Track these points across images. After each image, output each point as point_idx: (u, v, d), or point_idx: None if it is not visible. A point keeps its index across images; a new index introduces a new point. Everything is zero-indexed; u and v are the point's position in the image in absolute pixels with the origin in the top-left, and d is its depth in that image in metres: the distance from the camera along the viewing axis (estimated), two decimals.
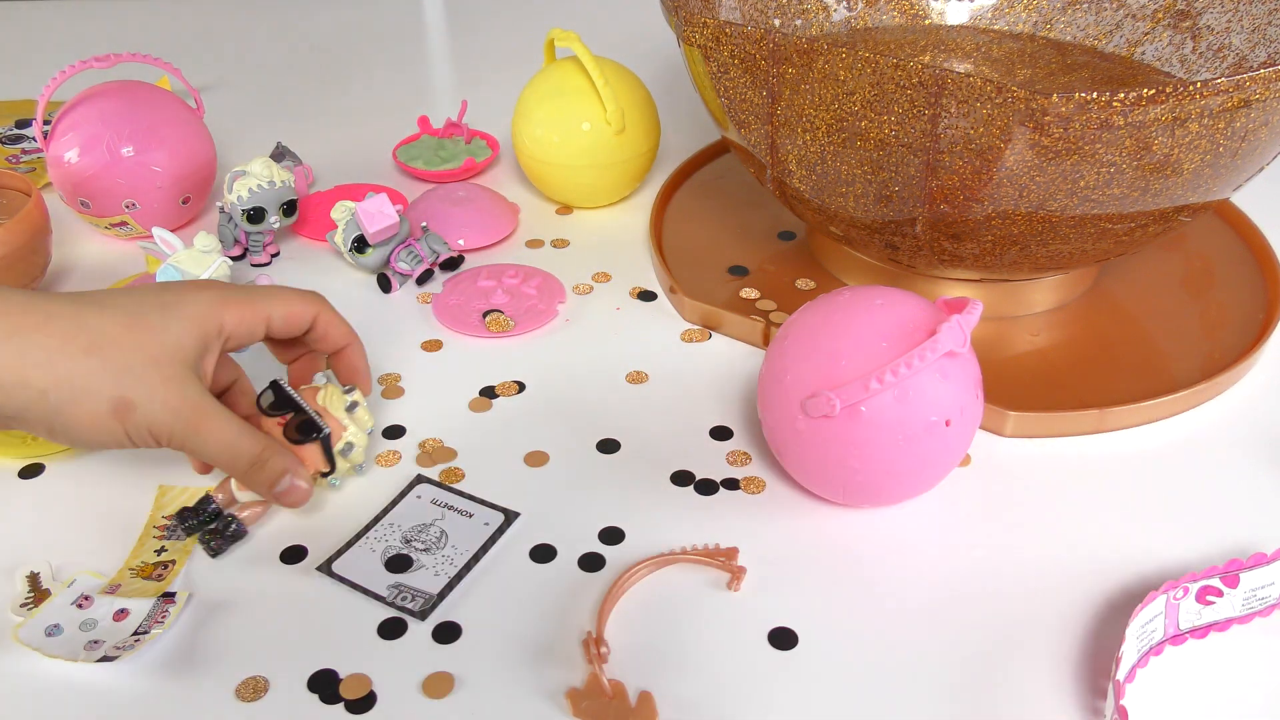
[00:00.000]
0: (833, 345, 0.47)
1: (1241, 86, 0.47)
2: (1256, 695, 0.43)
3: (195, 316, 0.46)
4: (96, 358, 0.43)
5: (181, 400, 0.44)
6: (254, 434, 0.47)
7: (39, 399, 0.42)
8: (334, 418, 0.50)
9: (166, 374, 0.44)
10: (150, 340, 0.44)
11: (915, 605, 0.47)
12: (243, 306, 0.48)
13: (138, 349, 0.44)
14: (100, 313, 0.44)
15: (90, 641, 0.44)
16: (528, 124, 0.72)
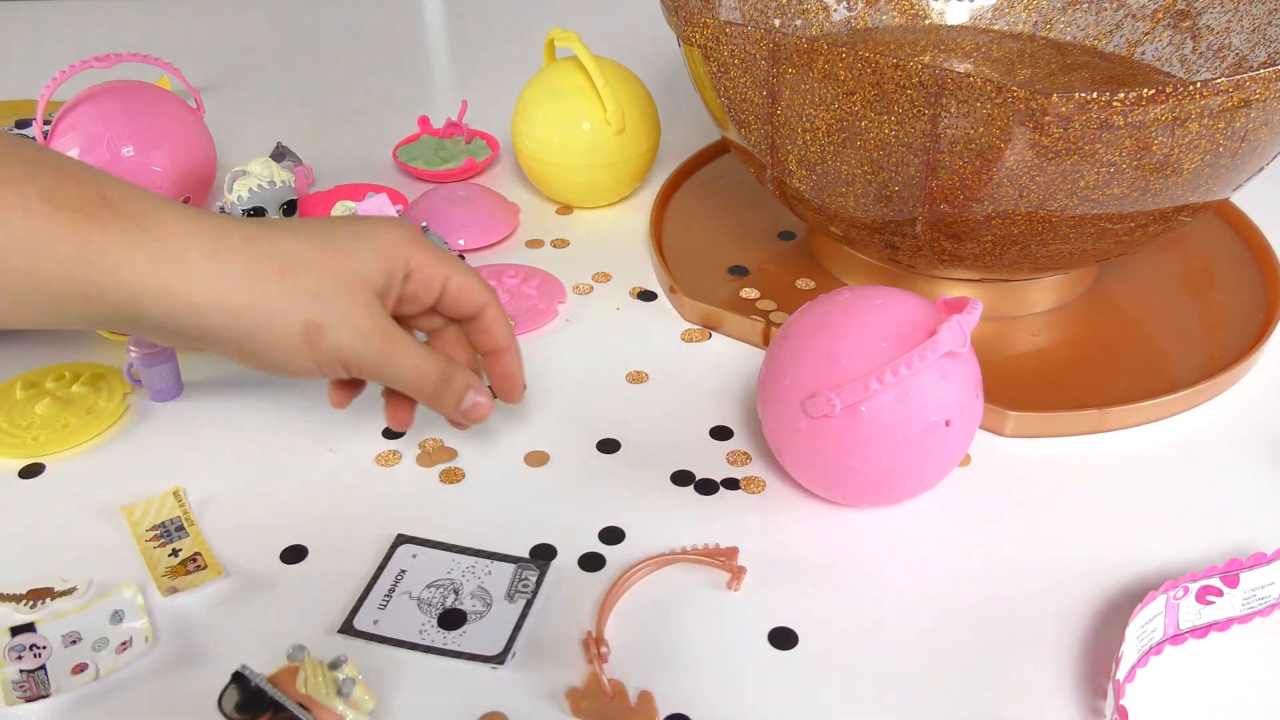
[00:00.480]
0: (833, 345, 0.47)
1: (1241, 86, 0.47)
2: (1256, 695, 0.43)
3: (385, 249, 0.46)
4: (290, 280, 0.43)
5: (371, 325, 0.44)
6: (437, 355, 0.47)
7: (233, 320, 0.42)
8: (325, 709, 0.38)
9: (356, 299, 0.44)
10: (342, 265, 0.44)
11: (915, 605, 0.47)
12: (430, 254, 0.47)
13: (330, 274, 0.44)
14: (294, 238, 0.44)
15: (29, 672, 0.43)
16: (528, 124, 0.72)
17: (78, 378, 0.58)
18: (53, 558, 0.49)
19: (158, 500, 0.51)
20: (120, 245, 0.40)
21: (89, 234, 0.39)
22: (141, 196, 0.41)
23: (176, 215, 0.42)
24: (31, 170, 0.39)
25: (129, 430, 0.56)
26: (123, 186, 0.41)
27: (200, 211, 0.43)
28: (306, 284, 0.43)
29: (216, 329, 0.42)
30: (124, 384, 0.58)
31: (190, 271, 0.41)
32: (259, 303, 0.42)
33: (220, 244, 0.42)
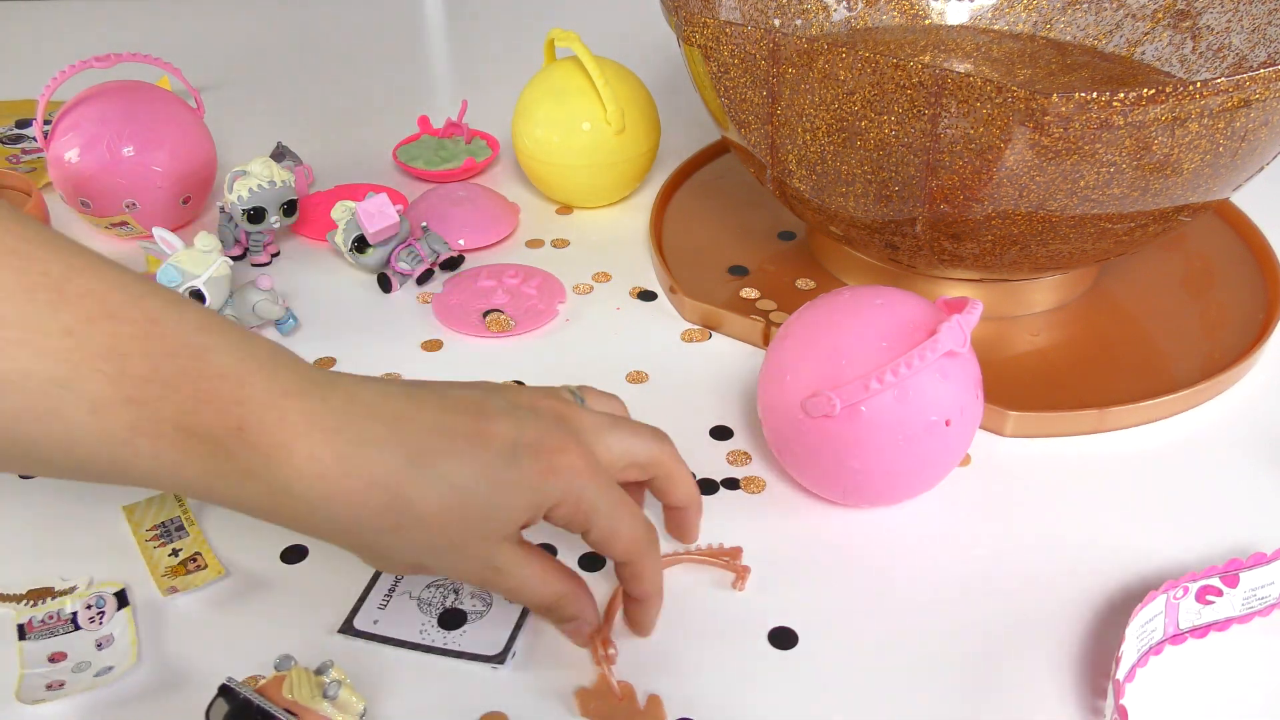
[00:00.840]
0: (833, 345, 0.47)
1: (1241, 86, 0.47)
2: (1256, 695, 0.43)
3: (536, 486, 0.39)
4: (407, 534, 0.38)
5: (480, 568, 0.40)
6: (551, 581, 0.41)
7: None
8: (312, 712, 0.39)
9: (474, 552, 0.39)
10: (474, 524, 0.39)
11: (915, 605, 0.47)
12: (585, 501, 0.41)
13: (451, 530, 0.38)
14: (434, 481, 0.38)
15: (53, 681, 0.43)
16: (528, 124, 0.72)
17: None
18: (53, 558, 0.49)
19: (158, 500, 0.51)
20: (242, 479, 0.36)
21: (217, 465, 0.36)
22: (282, 423, 0.36)
23: (311, 445, 0.36)
24: (172, 385, 0.35)
25: None
26: (264, 408, 0.36)
27: (340, 428, 0.37)
28: (420, 540, 0.38)
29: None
30: None
31: (311, 510, 0.37)
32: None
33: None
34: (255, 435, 0.36)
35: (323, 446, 0.36)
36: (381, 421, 0.38)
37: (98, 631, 0.45)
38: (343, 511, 0.37)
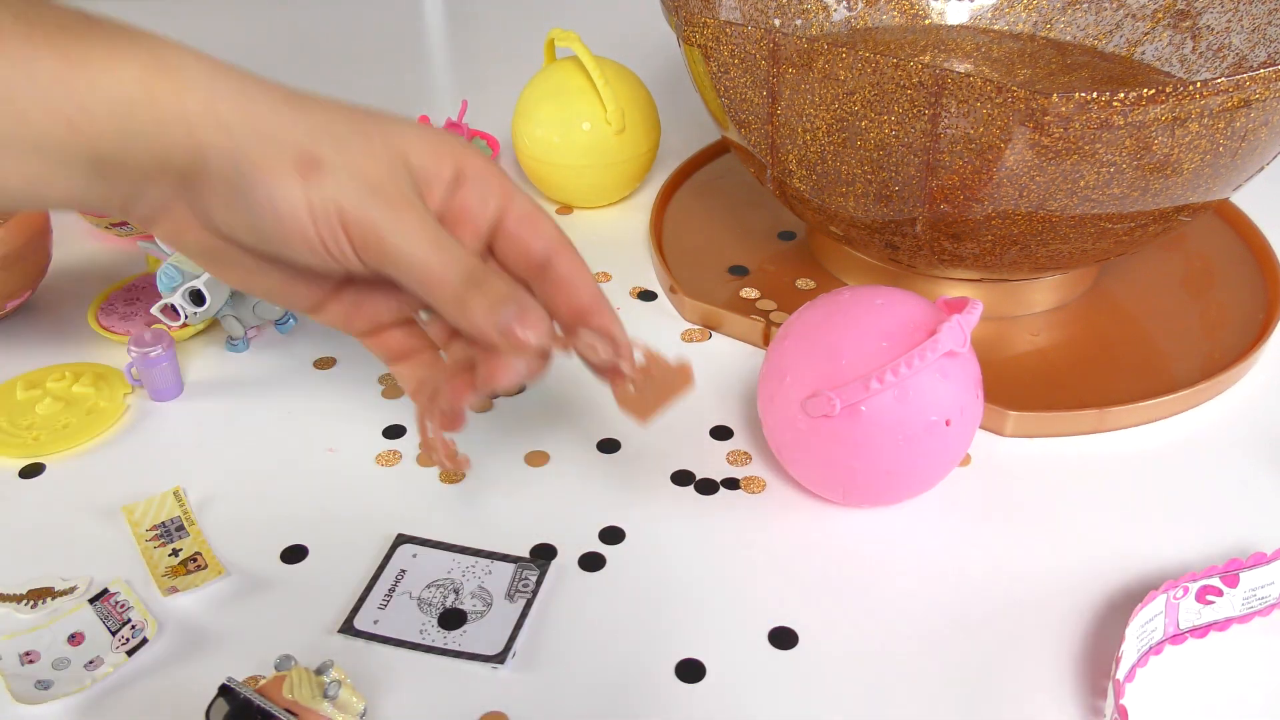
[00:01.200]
0: (833, 345, 0.47)
1: (1241, 86, 0.47)
2: (1256, 695, 0.43)
3: (438, 138, 0.39)
4: (298, 109, 0.37)
5: (385, 179, 0.37)
6: (466, 248, 0.38)
7: (224, 138, 0.36)
8: (313, 712, 0.38)
9: (375, 153, 0.37)
10: (371, 125, 0.38)
11: (915, 605, 0.47)
12: (492, 167, 0.40)
13: (351, 122, 0.38)
14: (313, 97, 0.38)
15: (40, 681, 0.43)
16: (528, 124, 0.72)
17: (78, 378, 0.58)
18: (53, 558, 0.49)
19: (158, 500, 0.51)
20: (104, 54, 0.35)
21: (68, 47, 0.34)
22: (132, 27, 0.36)
23: (170, 41, 0.37)
24: None
25: (129, 430, 0.56)
26: (112, 18, 0.36)
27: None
28: (317, 117, 0.37)
29: (205, 148, 0.36)
30: (124, 384, 0.58)
31: (184, 80, 0.36)
32: (254, 121, 0.36)
33: (221, 66, 0.37)
34: (106, 22, 0.36)
35: (180, 45, 0.37)
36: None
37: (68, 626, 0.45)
38: (228, 82, 0.37)
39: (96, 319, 0.62)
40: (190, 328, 0.60)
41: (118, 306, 0.64)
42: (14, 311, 0.64)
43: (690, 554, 0.49)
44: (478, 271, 0.38)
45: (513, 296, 0.38)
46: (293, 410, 0.57)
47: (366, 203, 0.36)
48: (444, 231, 0.38)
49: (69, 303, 0.65)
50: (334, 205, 0.36)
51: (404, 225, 0.37)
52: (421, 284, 0.38)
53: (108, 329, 0.62)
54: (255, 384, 0.59)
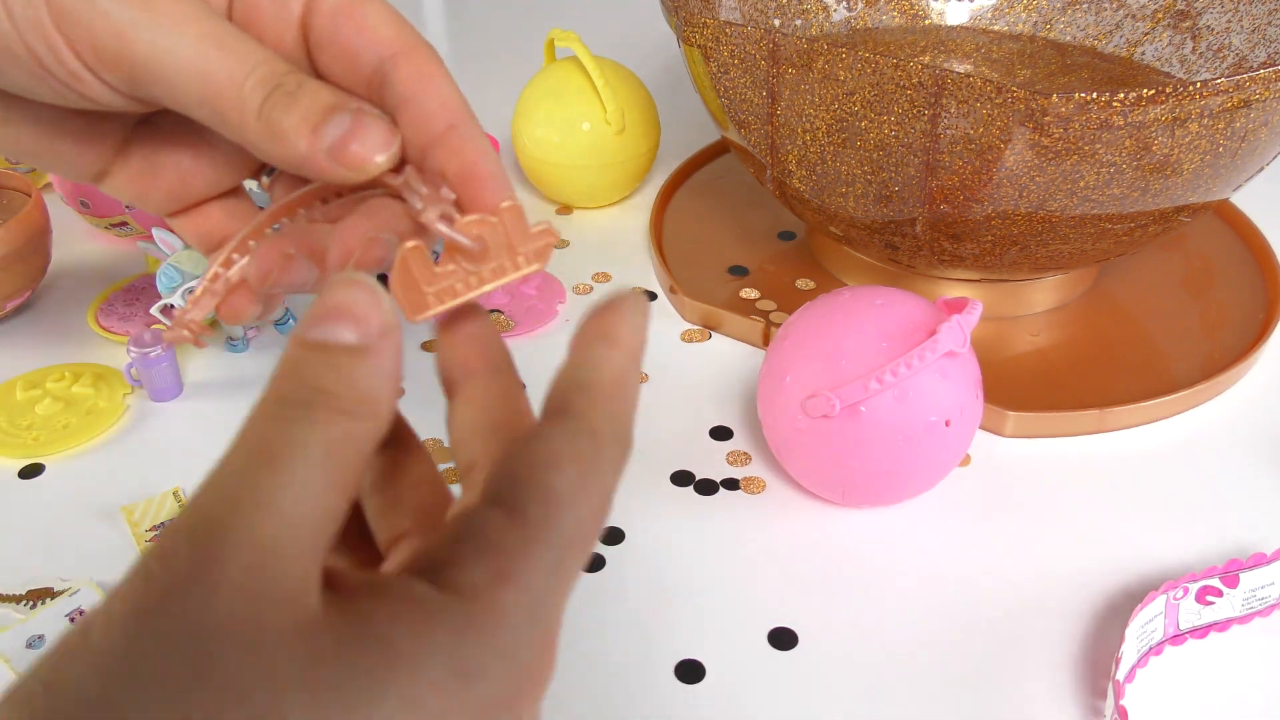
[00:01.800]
0: (833, 345, 0.47)
1: (1241, 86, 0.47)
2: (1256, 695, 0.43)
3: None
4: None
5: None
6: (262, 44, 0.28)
7: None
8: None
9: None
10: None
11: (915, 605, 0.47)
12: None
13: None
14: None
15: None
16: (528, 124, 0.72)
17: (78, 378, 0.58)
18: (53, 558, 0.49)
19: (158, 500, 0.51)
20: None
21: None
22: None
23: None
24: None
25: (129, 430, 0.56)
26: None
27: None
28: None
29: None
30: (124, 384, 0.58)
31: None
32: None
33: None
34: None
35: None
36: None
37: None
38: None
39: (96, 319, 0.62)
40: None
41: (117, 307, 0.64)
42: (14, 311, 0.64)
43: (690, 554, 0.49)
44: (285, 75, 0.27)
45: (341, 104, 0.27)
46: None
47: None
48: (228, 25, 0.28)
49: (69, 303, 0.65)
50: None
51: (158, 17, 0.26)
52: (203, 102, 0.27)
53: (107, 329, 0.62)
54: (255, 384, 0.59)
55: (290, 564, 0.21)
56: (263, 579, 0.21)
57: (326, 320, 0.23)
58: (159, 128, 0.32)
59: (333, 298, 0.23)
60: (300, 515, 0.21)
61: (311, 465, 0.22)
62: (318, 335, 0.23)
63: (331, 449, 0.22)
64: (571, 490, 0.23)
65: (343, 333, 0.23)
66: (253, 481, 0.22)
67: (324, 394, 0.23)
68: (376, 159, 0.27)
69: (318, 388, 0.23)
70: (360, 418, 0.23)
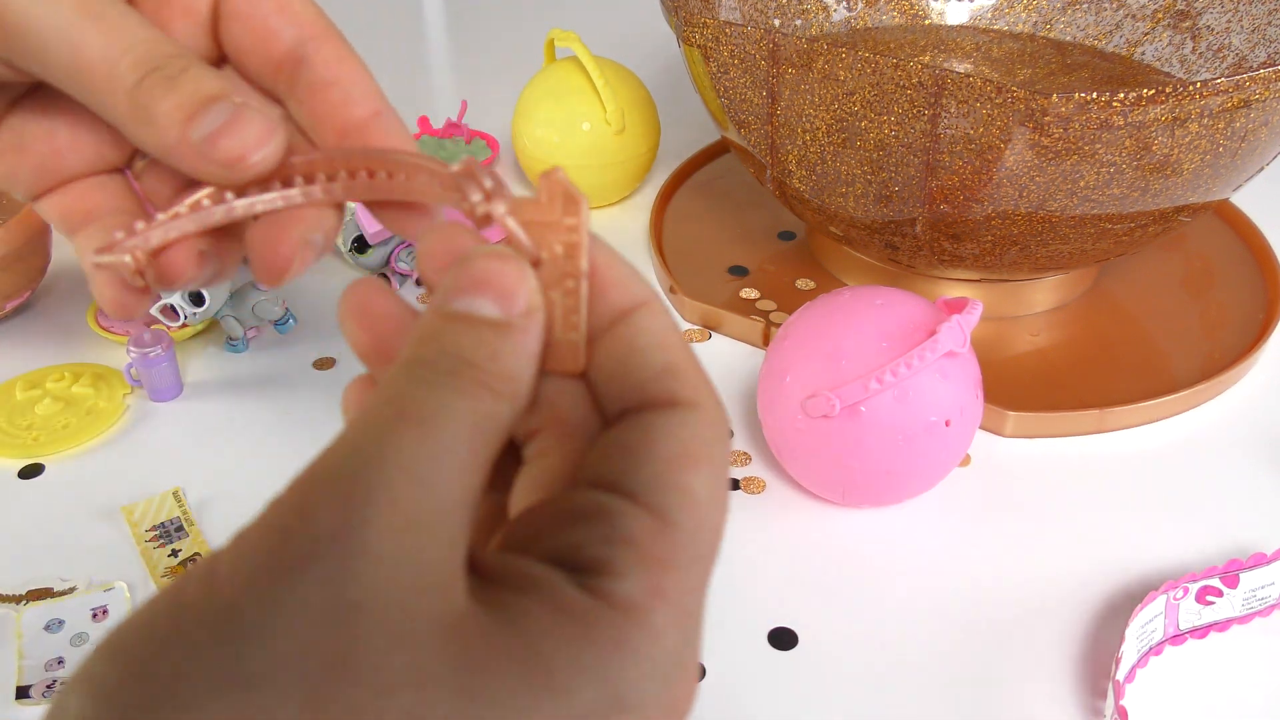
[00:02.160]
0: (833, 345, 0.47)
1: (1241, 86, 0.47)
2: (1256, 695, 0.43)
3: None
4: None
5: None
6: (149, 27, 0.26)
7: None
8: None
9: None
10: None
11: (915, 605, 0.47)
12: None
13: None
14: None
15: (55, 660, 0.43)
16: (528, 124, 0.72)
17: (78, 378, 0.58)
18: (53, 558, 0.49)
19: (157, 500, 0.51)
20: None
21: None
22: None
23: None
24: None
25: (129, 430, 0.56)
26: None
27: None
28: None
29: None
30: (124, 384, 0.58)
31: None
32: None
33: None
34: None
35: None
36: None
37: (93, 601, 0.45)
38: None
39: (96, 319, 0.62)
40: (190, 328, 0.60)
41: None
42: (14, 311, 0.64)
43: None
44: (167, 58, 0.25)
45: (223, 94, 0.25)
46: (292, 410, 0.57)
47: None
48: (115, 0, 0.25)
49: (69, 303, 0.65)
50: None
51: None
52: (73, 76, 0.25)
53: (107, 329, 0.62)
54: (255, 384, 0.59)
55: (437, 543, 0.20)
56: (410, 555, 0.19)
57: (469, 291, 0.22)
58: (36, 99, 0.29)
59: (477, 269, 0.22)
60: (446, 489, 0.20)
61: (458, 436, 0.20)
62: (460, 306, 0.22)
63: (476, 422, 0.21)
64: (709, 495, 0.22)
65: (486, 306, 0.22)
66: (396, 442, 0.20)
67: (469, 365, 0.21)
68: (251, 158, 0.25)
69: (462, 358, 0.21)
70: (502, 396, 0.21)
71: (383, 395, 0.21)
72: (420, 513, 0.19)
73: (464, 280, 0.22)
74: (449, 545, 0.20)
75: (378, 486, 0.19)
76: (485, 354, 0.21)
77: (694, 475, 0.22)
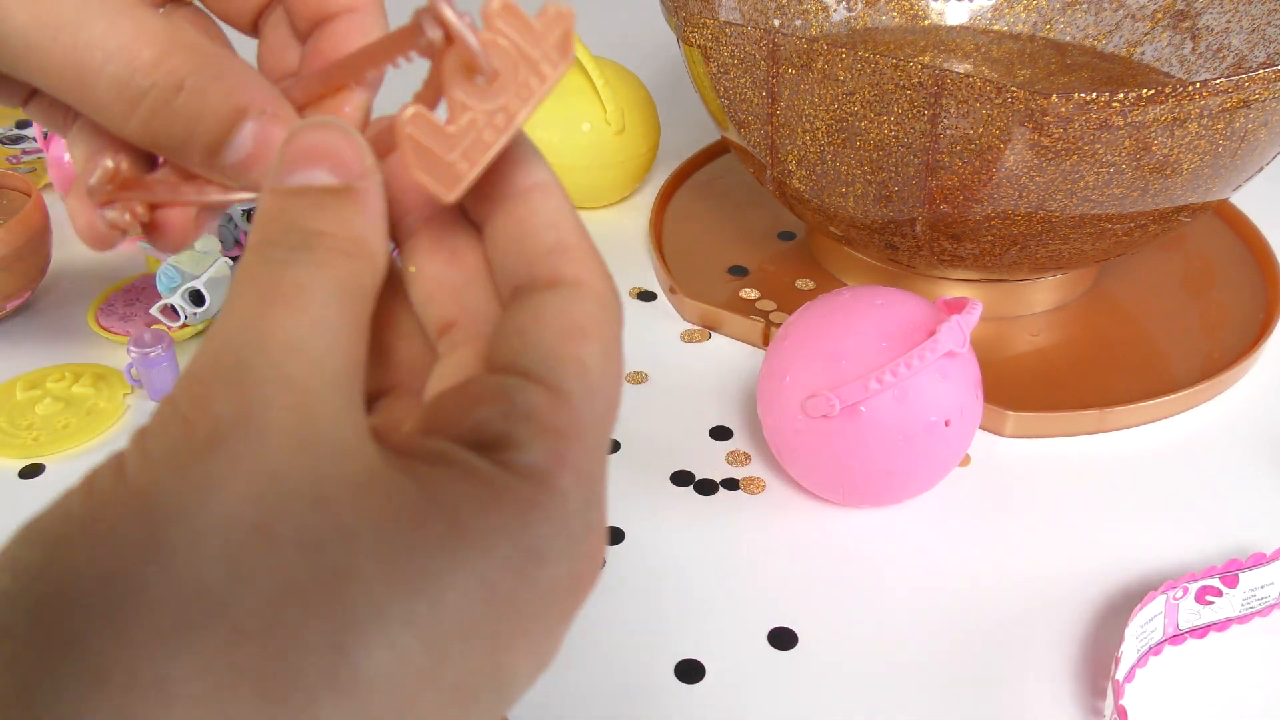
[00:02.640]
0: (833, 345, 0.47)
1: (1241, 87, 0.47)
2: (1256, 695, 0.43)
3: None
4: None
5: None
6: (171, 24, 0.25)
7: None
8: None
9: None
10: None
11: (915, 605, 0.47)
12: None
13: None
14: None
15: None
16: (528, 124, 0.72)
17: (78, 378, 0.58)
18: None
19: None
20: None
21: None
22: None
23: None
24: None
25: (129, 430, 0.56)
26: None
27: None
28: None
29: None
30: (124, 384, 0.58)
31: None
32: None
33: None
34: None
35: None
36: None
37: None
38: None
39: (96, 319, 0.62)
40: (190, 328, 0.60)
41: (117, 307, 0.64)
42: (14, 311, 0.64)
43: (690, 554, 0.49)
44: (158, 63, 0.24)
45: (237, 112, 0.25)
46: None
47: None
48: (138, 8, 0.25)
49: (69, 303, 0.65)
50: None
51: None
52: (86, 97, 0.25)
53: (107, 329, 0.62)
54: None
55: (334, 411, 0.20)
56: (311, 426, 0.20)
57: (301, 164, 0.22)
58: None
59: (303, 140, 0.22)
60: (329, 359, 0.21)
61: (327, 306, 0.21)
62: (295, 180, 0.22)
63: (341, 289, 0.21)
64: (600, 366, 0.23)
65: (320, 175, 0.22)
66: (272, 323, 0.20)
67: (318, 235, 0.21)
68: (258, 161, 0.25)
69: (310, 229, 0.21)
70: (358, 258, 0.22)
71: (242, 284, 0.21)
72: (312, 385, 0.20)
73: (295, 154, 0.22)
74: (347, 410, 0.20)
75: (265, 367, 0.20)
76: (331, 220, 0.22)
77: (583, 347, 0.23)
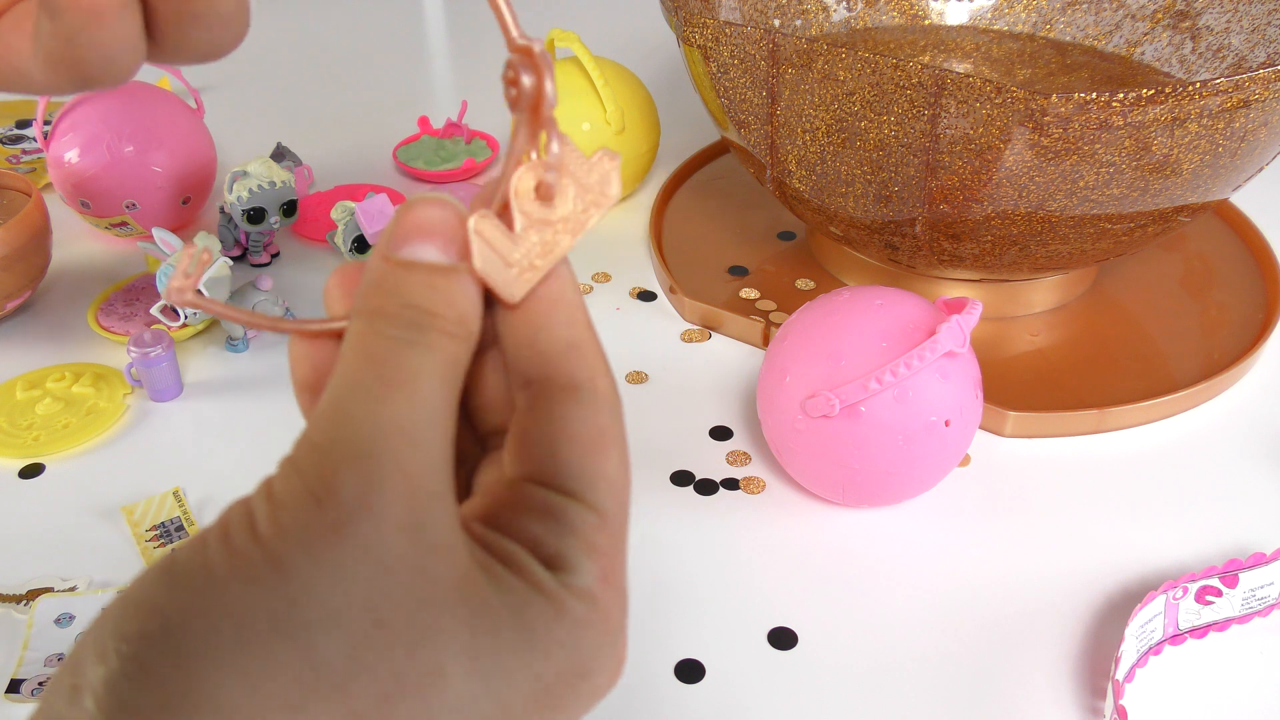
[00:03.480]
0: (833, 345, 0.47)
1: (1241, 87, 0.47)
2: (1256, 695, 0.43)
3: None
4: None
5: None
6: None
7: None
8: None
9: None
10: None
11: (915, 605, 0.47)
12: None
13: None
14: None
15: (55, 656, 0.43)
16: None
17: (78, 378, 0.58)
18: (53, 558, 0.49)
19: (158, 500, 0.51)
20: None
21: None
22: None
23: None
24: None
25: (129, 430, 0.56)
26: None
27: None
28: None
29: None
30: (124, 384, 0.58)
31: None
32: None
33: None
34: None
35: None
36: None
37: None
38: None
39: (96, 319, 0.62)
40: (190, 328, 0.60)
41: (117, 307, 0.64)
42: (14, 311, 0.64)
43: (690, 554, 0.49)
44: None
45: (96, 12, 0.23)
46: (292, 410, 0.57)
47: None
48: None
49: (69, 303, 0.65)
50: None
51: None
52: None
53: (107, 329, 0.62)
54: (255, 384, 0.59)
55: (439, 504, 0.22)
56: (418, 516, 0.22)
57: (411, 238, 0.24)
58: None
59: (416, 216, 0.24)
60: (434, 445, 0.22)
61: (435, 392, 0.22)
62: (406, 254, 0.23)
63: (446, 373, 0.23)
64: (620, 475, 0.25)
65: (428, 251, 0.23)
66: (391, 408, 0.22)
67: (430, 315, 0.23)
68: (110, 65, 0.24)
69: (422, 308, 0.23)
70: (460, 339, 0.23)
71: (357, 353, 0.23)
72: (421, 473, 0.22)
73: (407, 227, 0.24)
74: (447, 502, 0.22)
75: (385, 454, 0.21)
76: (442, 301, 0.23)
77: (606, 460, 0.24)
